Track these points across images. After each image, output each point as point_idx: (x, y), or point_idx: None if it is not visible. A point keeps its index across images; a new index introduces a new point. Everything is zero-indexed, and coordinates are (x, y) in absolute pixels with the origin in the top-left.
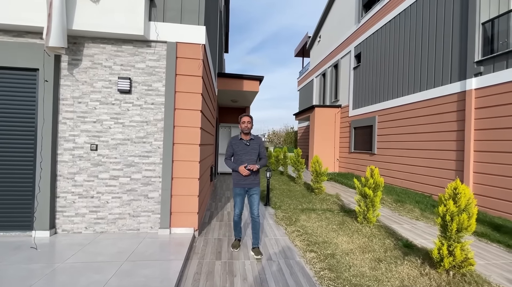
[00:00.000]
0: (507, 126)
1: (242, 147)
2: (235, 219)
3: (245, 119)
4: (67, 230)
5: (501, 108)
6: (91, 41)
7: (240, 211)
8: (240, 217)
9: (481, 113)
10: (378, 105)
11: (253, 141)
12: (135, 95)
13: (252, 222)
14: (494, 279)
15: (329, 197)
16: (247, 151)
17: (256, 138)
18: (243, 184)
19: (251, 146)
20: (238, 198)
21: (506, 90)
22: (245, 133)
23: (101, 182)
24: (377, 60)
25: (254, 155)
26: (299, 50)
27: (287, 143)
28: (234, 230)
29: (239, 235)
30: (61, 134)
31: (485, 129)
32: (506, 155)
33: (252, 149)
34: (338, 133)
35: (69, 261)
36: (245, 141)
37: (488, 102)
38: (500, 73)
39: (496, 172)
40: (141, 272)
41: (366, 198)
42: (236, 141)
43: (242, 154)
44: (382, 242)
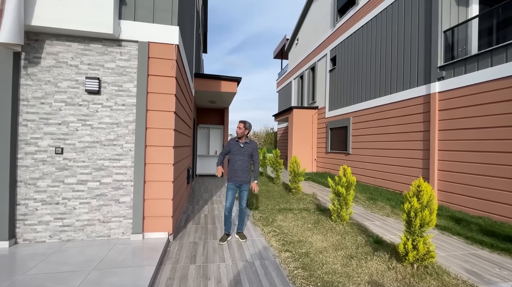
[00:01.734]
0: (465, 127)
1: (237, 148)
2: (225, 213)
3: (238, 125)
4: (29, 240)
5: (460, 110)
6: (55, 38)
7: (231, 205)
8: (230, 211)
9: (443, 114)
10: (352, 107)
11: (248, 144)
12: (104, 96)
13: (239, 212)
14: (453, 270)
15: (306, 197)
16: (240, 152)
17: (251, 142)
18: (235, 180)
19: (244, 148)
20: (230, 192)
21: (464, 94)
22: (239, 137)
23: (67, 187)
24: (351, 63)
25: (246, 156)
26: (278, 52)
27: (267, 144)
28: (224, 224)
29: (228, 230)
30: (21, 137)
31: (447, 129)
32: (465, 153)
33: (245, 151)
34: (315, 134)
35: (30, 273)
36: (240, 143)
37: (450, 105)
38: (460, 77)
39: (457, 169)
40: (110, 280)
41: (340, 196)
42: (233, 142)
43: (236, 154)
44: (354, 239)
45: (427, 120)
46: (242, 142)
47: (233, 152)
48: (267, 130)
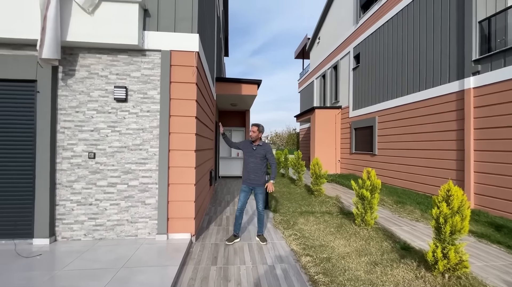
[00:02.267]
0: (506, 125)
1: (249, 150)
2: (237, 213)
3: (254, 129)
4: (66, 237)
5: (499, 107)
6: (87, 52)
7: (242, 206)
8: (241, 212)
9: (480, 112)
10: (378, 105)
11: (260, 147)
12: (131, 103)
13: (258, 215)
14: (491, 282)
15: (329, 200)
16: (252, 155)
17: (264, 145)
18: (248, 182)
19: (257, 151)
20: (242, 194)
21: (503, 89)
22: (253, 140)
23: (99, 189)
24: (376, 60)
25: (259, 159)
26: (299, 52)
27: (289, 145)
28: (234, 225)
29: (237, 231)
30: (59, 143)
31: (484, 128)
32: (506, 154)
33: (257, 154)
34: (339, 134)
35: (67, 269)
36: (253, 146)
37: (487, 101)
38: (498, 71)
39: (497, 171)
40: (137, 278)
41: (364, 200)
42: (247, 143)
43: (248, 156)
44: (379, 245)
45: (461, 118)
46: (255, 144)
47: (246, 153)
48: (289, 131)
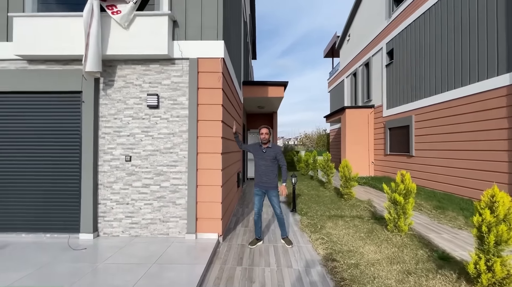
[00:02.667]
0: None
1: (259, 153)
2: (255, 218)
3: (263, 131)
4: (107, 233)
5: None
6: (123, 63)
7: (259, 210)
8: (259, 216)
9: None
10: (414, 103)
11: (270, 149)
12: (162, 110)
13: (277, 219)
14: None
15: (360, 203)
16: (263, 157)
17: (274, 146)
18: (261, 185)
19: (267, 153)
20: (257, 198)
21: None
22: (264, 143)
23: (134, 190)
24: (411, 55)
25: (270, 161)
26: (328, 50)
27: (319, 146)
28: (255, 229)
29: (258, 234)
30: (100, 147)
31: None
32: None
33: (268, 156)
34: (372, 134)
35: (107, 262)
36: (262, 148)
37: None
38: None
39: None
40: (167, 274)
41: (396, 205)
42: (256, 146)
43: (259, 159)
44: (414, 253)
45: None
46: (265, 147)
47: (256, 156)
48: (319, 132)
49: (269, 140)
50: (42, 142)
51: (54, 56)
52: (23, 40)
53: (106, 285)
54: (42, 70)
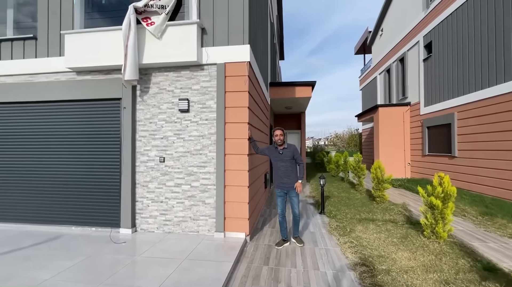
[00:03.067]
0: None
1: (276, 155)
2: (280, 219)
3: (277, 133)
4: (144, 229)
5: None
6: (157, 71)
7: (282, 211)
8: (283, 217)
9: None
10: (457, 99)
11: (286, 149)
12: (192, 113)
13: (293, 217)
14: None
15: (393, 207)
16: (280, 159)
17: (289, 146)
18: (281, 186)
19: (284, 154)
20: (279, 199)
21: None
22: (279, 144)
23: (168, 189)
24: (452, 47)
25: (288, 161)
26: (359, 47)
27: (351, 147)
28: (280, 230)
29: (285, 235)
30: (138, 149)
31: None
32: None
33: (285, 157)
34: (408, 134)
35: (143, 255)
36: (279, 150)
37: None
38: None
39: None
40: (197, 270)
41: (434, 209)
42: (272, 149)
43: (276, 161)
44: (454, 262)
45: None
46: (281, 148)
47: (273, 159)
48: (350, 132)
49: (284, 141)
50: (88, 144)
51: (97, 67)
52: (72, 54)
53: (142, 276)
54: (88, 80)
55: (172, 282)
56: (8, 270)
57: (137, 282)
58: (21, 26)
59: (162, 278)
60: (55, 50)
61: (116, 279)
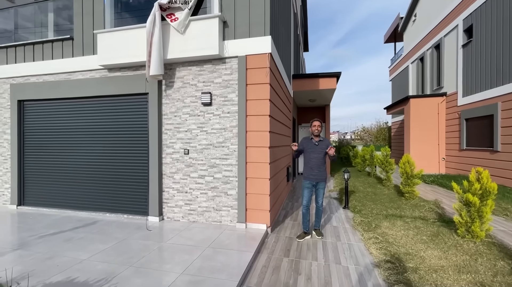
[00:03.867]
0: None
1: (311, 146)
2: (303, 211)
3: (316, 123)
4: (170, 218)
5: None
6: (181, 65)
7: (308, 203)
8: (307, 209)
9: None
10: (501, 88)
11: (322, 142)
12: (214, 106)
13: (316, 209)
14: None
15: (424, 204)
16: (315, 150)
17: (325, 139)
18: (311, 178)
19: (319, 146)
20: (306, 191)
21: None
22: (315, 135)
23: (192, 180)
24: (496, 31)
25: (321, 153)
26: (389, 34)
27: (379, 141)
28: (302, 222)
29: (307, 228)
30: (164, 142)
31: None
32: None
33: (320, 149)
34: (443, 127)
35: (169, 242)
36: (314, 141)
37: None
38: None
39: None
40: (219, 258)
41: (470, 206)
42: (307, 140)
43: (311, 152)
44: (491, 263)
45: None
46: (316, 140)
47: (307, 150)
48: (379, 125)
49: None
50: (120, 137)
51: (126, 63)
52: (104, 52)
53: (168, 260)
54: (118, 76)
55: (196, 268)
56: (52, 250)
57: (164, 266)
58: (60, 29)
59: (186, 263)
60: (89, 49)
61: (144, 262)
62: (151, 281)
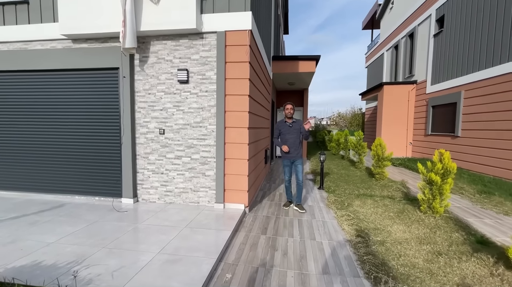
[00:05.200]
0: None
1: (286, 128)
2: (286, 184)
3: (288, 107)
4: (145, 199)
5: None
6: (155, 39)
7: (289, 177)
8: (289, 182)
9: None
10: (465, 77)
11: (295, 123)
12: (192, 84)
13: (297, 186)
14: None
15: (392, 184)
16: (290, 131)
17: (298, 121)
18: (288, 157)
19: (293, 127)
20: (286, 168)
21: None
22: (288, 117)
23: (168, 161)
24: (465, 22)
25: (296, 134)
26: (367, 21)
27: (353, 126)
28: (286, 193)
29: (290, 198)
30: (137, 121)
31: None
32: None
33: (294, 130)
34: (412, 113)
35: (145, 223)
36: (288, 123)
37: None
38: None
39: None
40: (196, 237)
41: (432, 185)
42: (282, 123)
43: (286, 134)
44: (447, 235)
45: None
46: (290, 122)
47: (283, 132)
48: (353, 111)
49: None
50: (88, 115)
51: (93, 34)
52: (66, 20)
53: (144, 241)
54: (85, 48)
55: (173, 247)
56: (14, 233)
57: (139, 246)
58: None
59: (163, 243)
60: (48, 15)
61: (118, 243)
62: (126, 260)
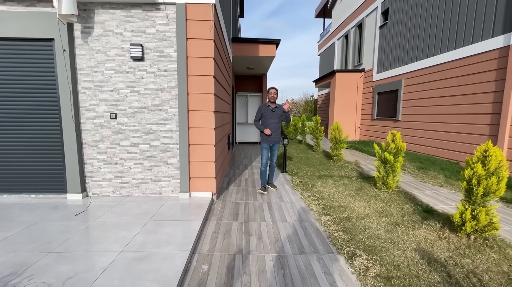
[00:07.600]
0: None
1: (269, 112)
2: (262, 169)
3: (272, 91)
4: (96, 193)
5: None
6: (100, 7)
7: (266, 161)
8: (266, 167)
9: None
10: (405, 67)
11: (277, 108)
12: (148, 62)
13: (270, 167)
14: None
15: (348, 165)
16: (272, 116)
17: (279, 106)
18: (269, 140)
19: (276, 112)
20: (265, 151)
21: None
22: (272, 102)
23: (123, 149)
24: (406, 16)
25: (278, 119)
26: (320, 10)
27: (306, 112)
28: (261, 178)
29: (265, 183)
30: (82, 104)
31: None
32: None
33: (276, 114)
34: (360, 99)
35: (100, 220)
36: (271, 108)
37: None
38: None
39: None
40: (164, 230)
41: (386, 163)
42: (265, 107)
43: (268, 118)
44: (400, 207)
45: (502, 79)
46: (273, 107)
47: (265, 116)
48: (306, 98)
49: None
50: (14, 97)
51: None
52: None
53: (102, 240)
54: (3, 12)
55: (138, 243)
56: None
57: (97, 247)
58: None
59: (125, 240)
60: None
61: (69, 245)
62: (83, 264)
